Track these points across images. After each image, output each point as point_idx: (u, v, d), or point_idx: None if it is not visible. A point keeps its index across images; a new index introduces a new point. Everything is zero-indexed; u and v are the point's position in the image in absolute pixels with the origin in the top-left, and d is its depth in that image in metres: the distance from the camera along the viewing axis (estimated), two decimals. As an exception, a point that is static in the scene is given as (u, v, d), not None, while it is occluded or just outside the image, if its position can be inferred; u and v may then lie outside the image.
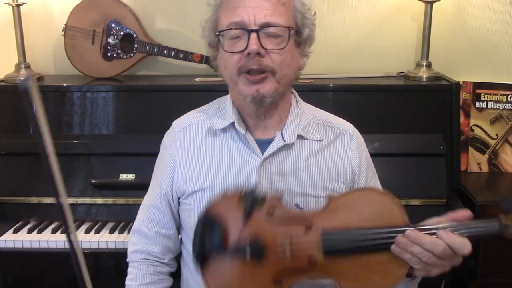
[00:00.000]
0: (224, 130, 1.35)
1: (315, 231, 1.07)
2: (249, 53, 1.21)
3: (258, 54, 1.21)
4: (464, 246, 1.05)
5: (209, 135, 1.36)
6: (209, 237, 1.10)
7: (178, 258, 1.49)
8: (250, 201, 1.10)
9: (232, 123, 1.33)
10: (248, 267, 1.06)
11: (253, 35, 1.21)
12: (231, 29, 1.23)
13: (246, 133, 1.33)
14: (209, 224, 1.11)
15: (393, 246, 1.06)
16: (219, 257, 1.09)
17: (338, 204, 1.12)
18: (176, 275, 1.54)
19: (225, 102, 1.39)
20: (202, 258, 1.10)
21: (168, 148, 1.40)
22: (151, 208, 1.41)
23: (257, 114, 1.31)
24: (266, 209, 1.11)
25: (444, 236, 1.05)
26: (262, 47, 1.21)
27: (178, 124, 1.42)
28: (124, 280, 1.42)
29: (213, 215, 1.12)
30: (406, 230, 1.05)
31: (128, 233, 1.92)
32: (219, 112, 1.38)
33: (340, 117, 1.45)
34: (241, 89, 1.26)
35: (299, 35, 1.29)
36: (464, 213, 1.10)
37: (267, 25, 1.22)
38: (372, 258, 1.06)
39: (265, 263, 1.07)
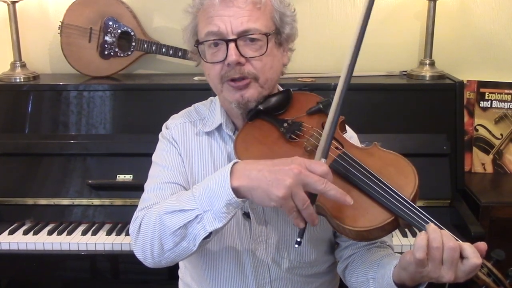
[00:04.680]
0: (213, 131, 1.36)
1: (340, 150, 1.19)
2: (229, 64, 1.21)
3: (238, 63, 1.22)
4: (476, 254, 0.99)
5: (199, 135, 1.36)
6: (278, 102, 1.30)
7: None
8: (323, 104, 1.29)
9: (221, 125, 1.34)
10: (278, 137, 1.20)
11: (231, 45, 1.21)
12: (209, 40, 1.23)
13: (234, 134, 1.34)
14: (286, 96, 1.33)
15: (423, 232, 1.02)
16: (266, 118, 1.29)
17: (376, 152, 1.21)
18: (174, 277, 1.53)
19: (215, 103, 1.39)
20: (256, 113, 1.28)
21: (171, 141, 1.37)
22: (167, 184, 1.28)
23: (243, 117, 1.32)
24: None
25: (459, 240, 1.03)
26: (242, 55, 1.21)
27: (171, 122, 1.40)
28: (121, 282, 1.39)
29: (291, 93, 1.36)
30: (405, 199, 1.08)
31: (126, 234, 1.89)
32: (209, 113, 1.38)
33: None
34: (226, 95, 1.27)
35: (279, 35, 1.28)
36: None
37: (244, 33, 1.21)
38: (359, 197, 1.11)
39: (290, 142, 1.25)
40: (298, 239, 1.06)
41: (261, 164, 1.07)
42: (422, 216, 1.06)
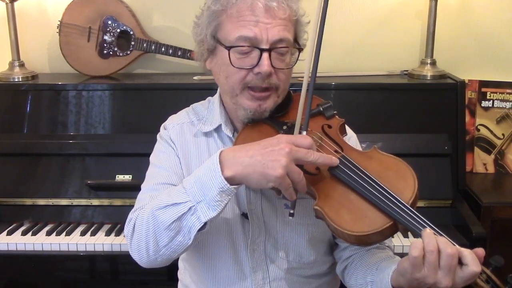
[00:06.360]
0: (211, 132, 1.35)
1: (339, 154, 1.18)
2: (259, 73, 1.19)
3: (269, 74, 1.20)
4: (475, 262, 0.99)
5: (198, 136, 1.35)
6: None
7: (176, 262, 1.45)
8: (323, 107, 1.29)
9: (220, 126, 1.33)
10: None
11: (265, 55, 1.19)
12: (242, 46, 1.19)
13: (233, 135, 1.33)
14: (286, 98, 1.30)
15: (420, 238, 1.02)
16: (266, 120, 1.28)
17: (375, 156, 1.20)
18: (174, 279, 1.52)
19: (213, 103, 1.38)
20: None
21: (168, 142, 1.37)
22: (162, 186, 1.28)
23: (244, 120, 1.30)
24: (329, 120, 1.28)
25: (458, 246, 1.02)
26: (272, 66, 1.20)
27: (170, 123, 1.40)
28: (120, 283, 1.38)
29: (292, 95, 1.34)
30: (404, 203, 1.07)
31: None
32: (208, 113, 1.37)
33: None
34: (242, 101, 1.25)
35: (297, 45, 1.28)
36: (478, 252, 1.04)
37: (278, 42, 1.20)
38: (358, 201, 1.11)
39: None
40: (292, 211, 1.13)
41: (249, 149, 1.09)
42: (421, 221, 1.05)
